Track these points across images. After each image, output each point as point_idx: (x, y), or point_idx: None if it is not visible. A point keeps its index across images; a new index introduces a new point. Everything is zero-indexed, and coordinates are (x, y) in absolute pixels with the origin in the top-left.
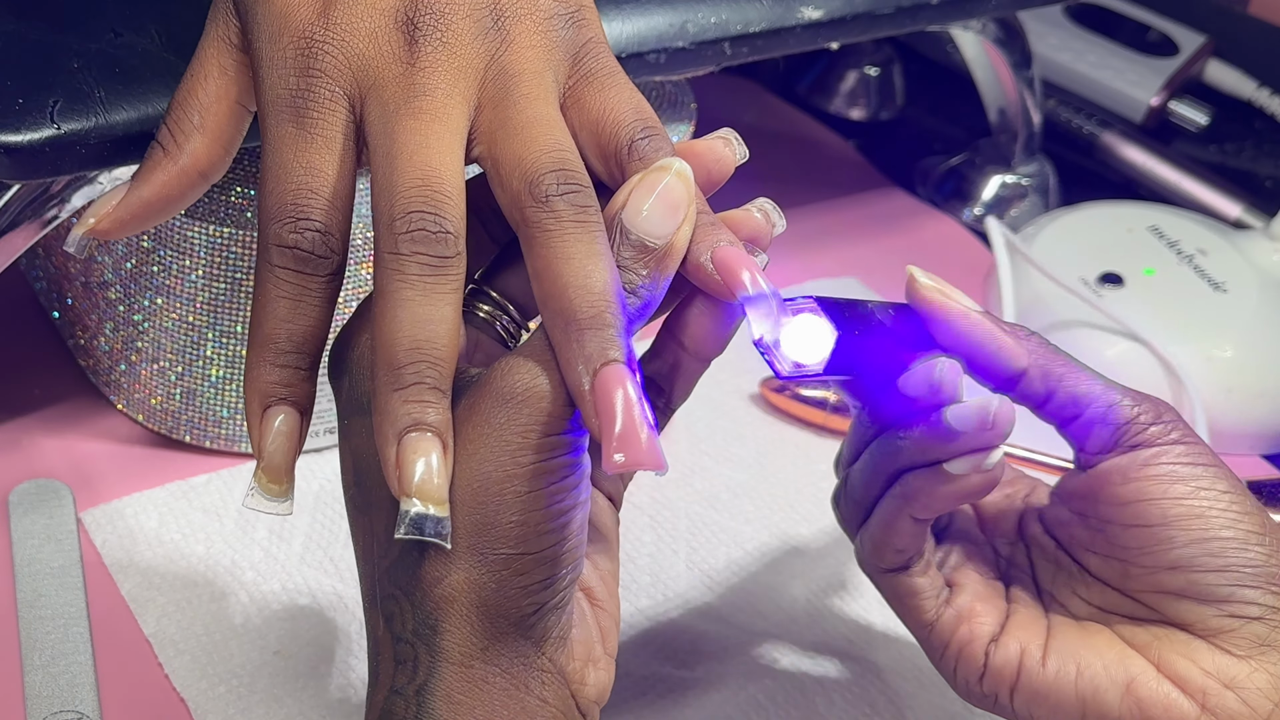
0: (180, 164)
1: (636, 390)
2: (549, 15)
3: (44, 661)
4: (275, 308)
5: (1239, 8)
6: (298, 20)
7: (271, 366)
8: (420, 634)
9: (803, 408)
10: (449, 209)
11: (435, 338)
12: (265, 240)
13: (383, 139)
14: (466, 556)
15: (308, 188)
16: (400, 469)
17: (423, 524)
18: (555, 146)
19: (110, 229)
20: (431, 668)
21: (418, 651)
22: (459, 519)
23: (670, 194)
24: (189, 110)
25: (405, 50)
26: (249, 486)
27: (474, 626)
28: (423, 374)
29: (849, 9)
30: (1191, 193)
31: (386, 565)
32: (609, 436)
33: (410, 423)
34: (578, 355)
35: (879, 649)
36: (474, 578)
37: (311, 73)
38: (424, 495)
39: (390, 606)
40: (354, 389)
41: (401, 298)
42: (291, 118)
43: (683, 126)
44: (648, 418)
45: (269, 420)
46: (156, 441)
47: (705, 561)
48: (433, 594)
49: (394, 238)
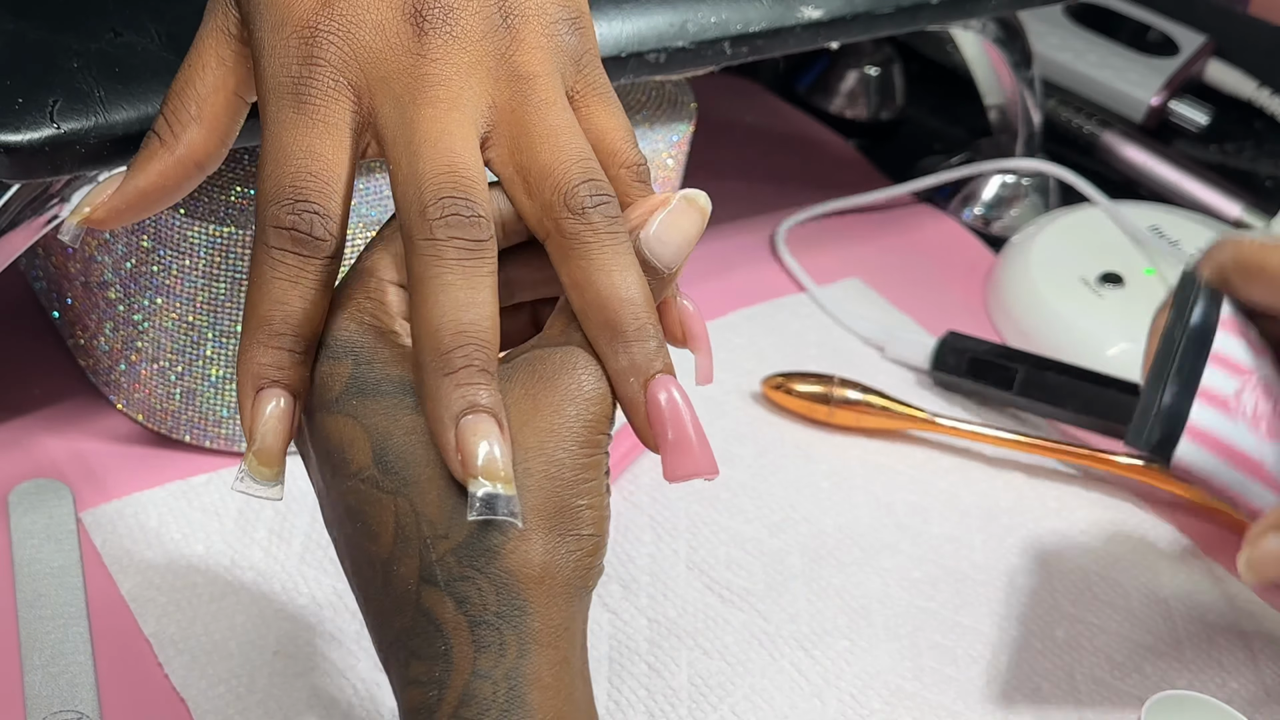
0: (177, 154)
1: (684, 398)
2: (554, 19)
3: (44, 661)
4: (270, 289)
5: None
6: (300, 10)
7: (265, 348)
8: (505, 615)
9: (803, 404)
10: (478, 193)
11: (479, 320)
12: (263, 222)
13: (401, 129)
14: (548, 539)
15: (307, 170)
16: (463, 452)
17: (495, 503)
18: (584, 155)
19: (105, 218)
20: (521, 650)
21: (504, 634)
22: (538, 502)
23: (691, 230)
24: (186, 100)
25: (414, 42)
26: (239, 470)
27: (559, 607)
28: (471, 357)
29: (849, 9)
30: (1191, 193)
31: (450, 546)
32: (665, 447)
33: (466, 405)
34: (628, 369)
35: (879, 649)
36: (555, 559)
37: (314, 61)
38: (491, 475)
39: (465, 588)
40: (363, 372)
41: (443, 282)
42: (292, 103)
43: (683, 126)
44: (698, 424)
45: (261, 403)
46: (156, 441)
47: (705, 561)
48: (521, 575)
49: (427, 224)
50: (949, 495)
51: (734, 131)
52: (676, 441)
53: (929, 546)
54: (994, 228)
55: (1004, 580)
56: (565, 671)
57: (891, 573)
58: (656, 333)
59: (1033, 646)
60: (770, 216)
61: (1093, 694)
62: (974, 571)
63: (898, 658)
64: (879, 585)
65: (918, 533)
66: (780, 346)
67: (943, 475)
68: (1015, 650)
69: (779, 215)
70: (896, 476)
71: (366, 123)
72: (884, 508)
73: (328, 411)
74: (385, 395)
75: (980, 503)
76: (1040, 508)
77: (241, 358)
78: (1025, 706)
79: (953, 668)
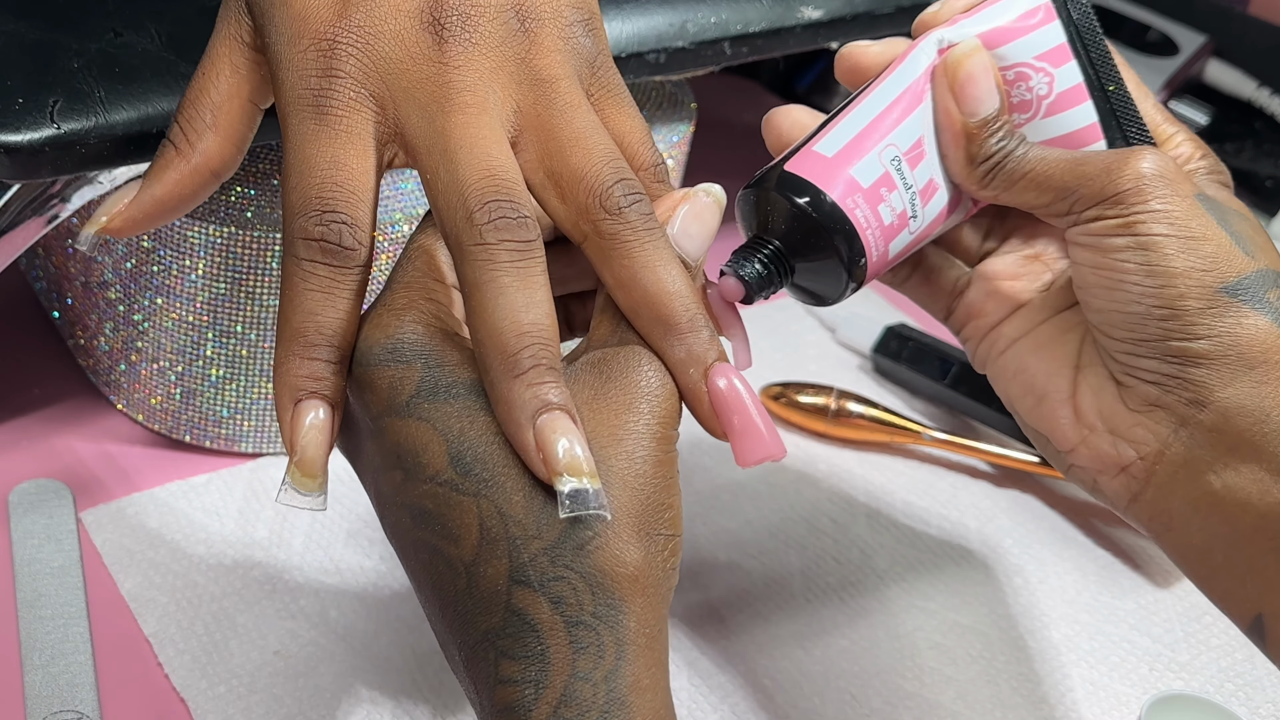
0: (193, 163)
1: (745, 383)
2: (570, 22)
3: (44, 661)
4: (303, 301)
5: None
6: (317, 22)
7: (301, 360)
8: (603, 616)
9: (802, 415)
10: (521, 194)
11: (540, 319)
12: (291, 234)
13: (433, 138)
14: (639, 539)
15: (333, 181)
16: (544, 451)
17: (584, 498)
18: (613, 156)
19: (123, 227)
20: (620, 652)
21: (602, 636)
22: (625, 502)
23: (711, 222)
24: (201, 109)
25: (435, 50)
26: (282, 482)
27: (653, 608)
28: (538, 356)
29: (849, 9)
30: None
31: (542, 546)
32: (734, 434)
33: (540, 405)
34: (687, 360)
35: (879, 648)
36: (647, 559)
37: (334, 73)
38: (574, 471)
39: (561, 589)
40: (434, 374)
41: (499, 285)
42: (314, 115)
43: (683, 126)
44: (762, 408)
45: (300, 415)
46: (156, 441)
47: (705, 561)
48: (616, 575)
49: (476, 229)
50: (947, 498)
51: (734, 131)
52: (744, 428)
53: (927, 549)
54: None
55: (1001, 582)
56: (661, 674)
57: (890, 573)
58: (707, 323)
59: (1030, 647)
60: None
61: (1090, 694)
62: (972, 573)
63: (898, 658)
64: (879, 586)
65: (916, 534)
66: (780, 348)
67: (941, 478)
68: (1014, 650)
69: None
70: (896, 479)
71: (392, 134)
72: (883, 509)
73: (397, 416)
74: (457, 398)
75: (977, 508)
76: (1036, 517)
77: (277, 371)
78: (1024, 707)
79: (952, 668)
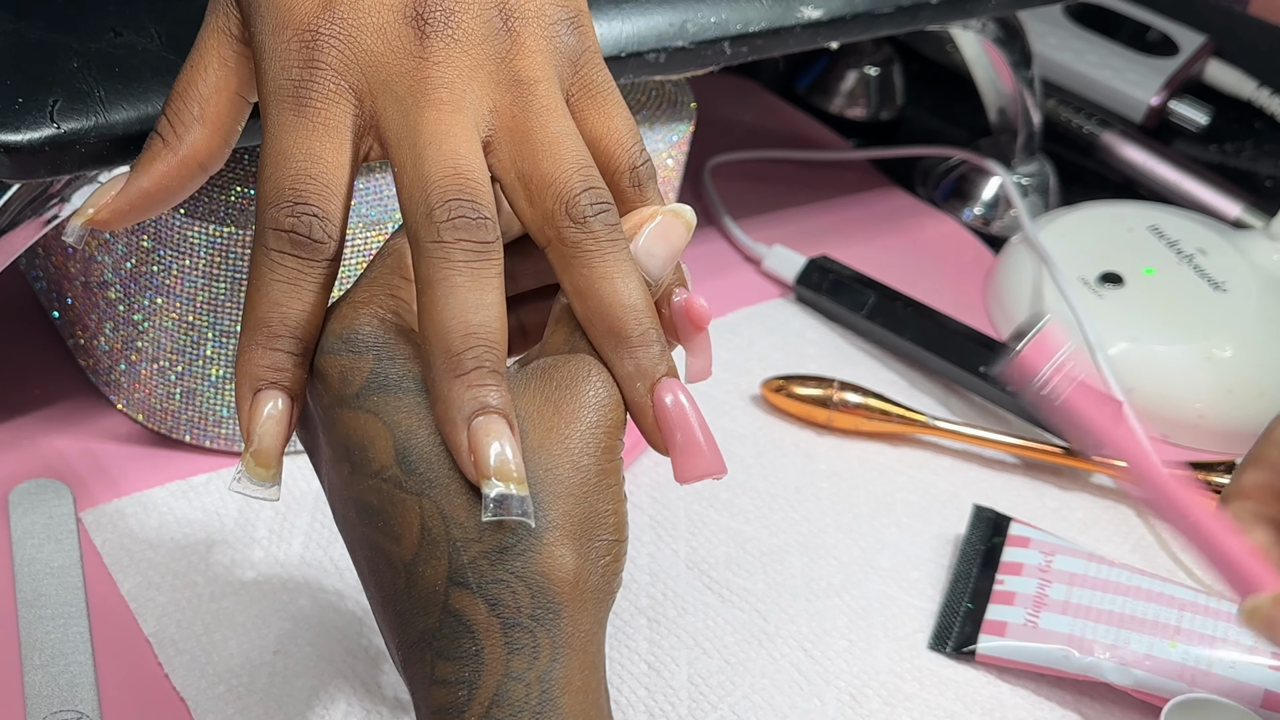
0: (180, 155)
1: (690, 400)
2: (553, 20)
3: (44, 661)
4: (269, 291)
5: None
6: (301, 14)
7: (264, 350)
8: (540, 619)
9: (803, 407)
10: (484, 195)
11: (488, 322)
12: (262, 224)
13: (405, 131)
14: (578, 544)
15: (306, 173)
16: (475, 453)
17: (509, 504)
18: (584, 164)
19: (109, 219)
20: (554, 654)
21: (538, 638)
22: (568, 508)
23: (677, 243)
24: (189, 101)
25: (416, 45)
26: (236, 470)
27: (589, 612)
28: (481, 358)
29: (849, 9)
30: (1191, 193)
31: (482, 550)
32: (675, 449)
33: (478, 406)
34: (634, 374)
35: (879, 649)
36: (586, 564)
37: (315, 65)
38: (503, 476)
39: (499, 591)
40: (385, 367)
41: (451, 284)
42: (293, 106)
43: (683, 126)
44: (705, 426)
45: (259, 404)
46: (156, 441)
47: (705, 561)
48: (556, 579)
49: (434, 226)
50: (948, 495)
51: (734, 131)
52: (685, 444)
53: (928, 546)
54: (994, 228)
55: None
56: (594, 676)
57: (891, 573)
58: (659, 337)
59: None
60: (770, 216)
61: (1101, 693)
62: None
63: (897, 658)
64: (879, 585)
65: (917, 533)
66: (780, 346)
67: (943, 475)
68: None
69: (779, 215)
70: (896, 477)
71: (368, 126)
72: (884, 508)
73: (347, 406)
74: (408, 393)
75: (985, 499)
76: (1039, 509)
77: (240, 359)
78: (1024, 707)
79: (951, 668)
